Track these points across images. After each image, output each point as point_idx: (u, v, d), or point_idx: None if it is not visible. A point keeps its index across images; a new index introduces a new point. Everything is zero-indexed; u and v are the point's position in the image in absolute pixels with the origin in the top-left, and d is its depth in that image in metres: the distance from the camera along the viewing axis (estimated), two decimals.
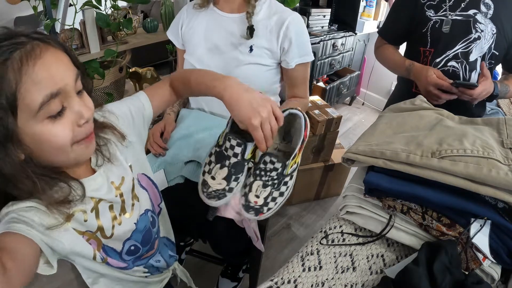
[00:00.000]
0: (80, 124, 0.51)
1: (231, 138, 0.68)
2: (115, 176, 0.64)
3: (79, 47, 1.58)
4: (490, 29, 1.09)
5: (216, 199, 0.69)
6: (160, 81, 0.81)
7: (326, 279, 0.68)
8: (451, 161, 0.64)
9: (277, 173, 0.70)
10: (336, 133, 1.82)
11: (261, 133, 0.63)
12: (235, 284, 1.41)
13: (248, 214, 0.70)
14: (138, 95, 0.76)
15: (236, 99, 0.64)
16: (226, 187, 0.70)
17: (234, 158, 0.69)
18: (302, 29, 1.07)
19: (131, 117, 0.72)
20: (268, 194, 0.71)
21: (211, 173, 0.71)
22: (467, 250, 0.65)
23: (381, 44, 1.38)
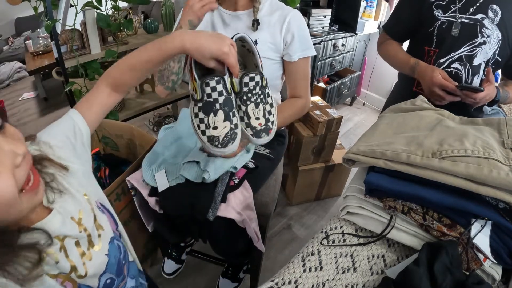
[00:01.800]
0: (18, 163, 0.42)
1: (208, 81, 0.68)
2: (72, 210, 0.57)
3: (80, 47, 1.59)
4: (496, 35, 1.08)
5: (232, 142, 0.70)
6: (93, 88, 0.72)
7: (327, 279, 0.68)
8: (451, 162, 0.64)
9: (259, 87, 0.74)
10: (336, 134, 1.82)
11: (233, 58, 0.67)
12: (236, 285, 1.41)
13: (262, 139, 0.74)
14: (70, 115, 0.68)
15: (198, 42, 0.66)
16: (231, 125, 0.71)
17: (221, 97, 0.69)
18: (303, 24, 1.10)
19: (70, 143, 0.65)
20: (263, 110, 0.75)
21: (210, 126, 0.70)
22: (468, 250, 0.65)
23: (384, 40, 1.37)
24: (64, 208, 0.56)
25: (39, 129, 0.68)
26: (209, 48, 0.66)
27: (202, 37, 0.67)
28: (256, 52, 0.78)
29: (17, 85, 3.75)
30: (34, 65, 3.03)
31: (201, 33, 0.68)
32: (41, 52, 3.22)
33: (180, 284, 1.48)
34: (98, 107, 0.71)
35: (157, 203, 0.98)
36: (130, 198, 1.15)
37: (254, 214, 1.00)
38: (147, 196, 0.99)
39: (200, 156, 0.98)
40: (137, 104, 2.00)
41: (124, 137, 1.49)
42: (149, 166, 1.02)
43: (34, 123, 2.91)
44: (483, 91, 1.02)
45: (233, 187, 0.98)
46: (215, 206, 0.92)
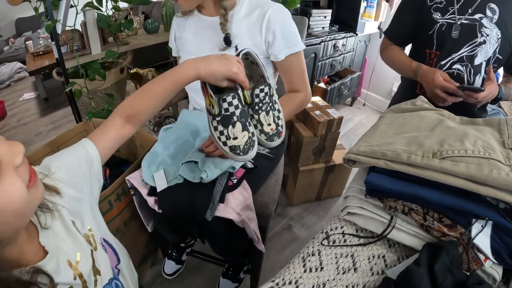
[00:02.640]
0: (19, 162, 0.42)
1: (225, 97, 0.73)
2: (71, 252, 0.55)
3: (80, 48, 1.59)
4: (495, 34, 1.09)
5: (251, 149, 0.76)
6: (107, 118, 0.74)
7: (327, 280, 0.68)
8: (452, 162, 0.64)
9: (268, 97, 0.81)
10: (337, 134, 1.82)
11: (242, 75, 0.74)
12: (236, 285, 1.41)
13: (275, 142, 0.81)
14: (83, 144, 0.68)
15: (209, 67, 0.72)
16: (249, 134, 0.77)
17: (237, 110, 0.75)
18: (285, 20, 1.04)
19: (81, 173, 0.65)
20: (273, 116, 0.82)
21: (230, 137, 0.76)
22: (468, 250, 0.65)
23: (387, 45, 1.38)
24: (61, 249, 0.53)
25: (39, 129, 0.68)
26: (221, 71, 0.72)
27: (213, 63, 0.72)
28: (260, 64, 0.83)
29: (18, 85, 3.76)
30: (35, 66, 3.03)
31: (210, 59, 0.73)
32: (42, 52, 3.22)
33: (181, 284, 1.48)
34: (111, 138, 0.72)
35: (156, 202, 0.98)
36: (131, 198, 1.15)
37: (253, 214, 1.00)
38: (146, 196, 0.99)
39: (199, 156, 0.98)
40: None
41: None
42: (148, 166, 1.02)
43: (35, 123, 2.92)
44: (484, 91, 1.02)
45: (232, 187, 0.98)
46: (213, 206, 0.92)
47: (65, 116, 2.99)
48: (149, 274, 1.52)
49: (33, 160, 1.30)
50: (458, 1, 1.11)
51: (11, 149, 0.43)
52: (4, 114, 3.02)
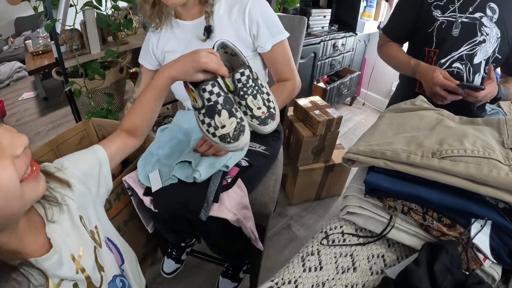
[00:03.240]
0: (18, 153, 0.43)
1: (204, 87, 0.72)
2: (74, 247, 0.56)
3: (80, 47, 1.59)
4: (495, 33, 1.09)
5: (242, 134, 0.73)
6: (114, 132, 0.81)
7: (327, 279, 0.68)
8: (451, 162, 0.64)
9: (251, 80, 0.78)
10: (336, 134, 1.82)
11: (214, 64, 0.72)
12: (236, 285, 1.41)
13: (269, 126, 0.77)
14: (94, 148, 0.74)
15: (179, 67, 0.74)
16: (237, 119, 0.74)
17: (220, 97, 0.73)
18: (266, 9, 1.04)
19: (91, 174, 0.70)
20: (262, 100, 0.79)
21: (218, 127, 0.74)
22: (467, 250, 0.65)
23: (384, 42, 1.37)
24: (66, 243, 0.55)
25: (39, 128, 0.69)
26: (190, 65, 0.72)
27: (181, 61, 0.74)
28: (239, 52, 0.82)
29: (17, 85, 3.76)
30: (34, 65, 3.03)
31: (180, 58, 0.75)
32: (41, 52, 3.22)
33: (180, 284, 1.48)
34: (117, 145, 0.77)
35: (151, 202, 0.98)
36: (130, 198, 1.15)
37: (250, 213, 1.00)
38: (142, 196, 1.00)
39: (193, 156, 0.98)
40: None
41: None
42: (143, 167, 1.02)
43: (34, 123, 2.91)
44: (484, 90, 1.02)
45: (226, 186, 0.98)
46: (207, 206, 0.92)
47: (65, 116, 2.99)
48: (148, 274, 1.52)
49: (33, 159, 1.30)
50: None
51: (14, 140, 0.44)
52: (4, 114, 3.02)
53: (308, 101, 1.91)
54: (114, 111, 1.71)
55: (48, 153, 1.38)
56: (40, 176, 0.48)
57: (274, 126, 0.79)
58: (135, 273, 0.78)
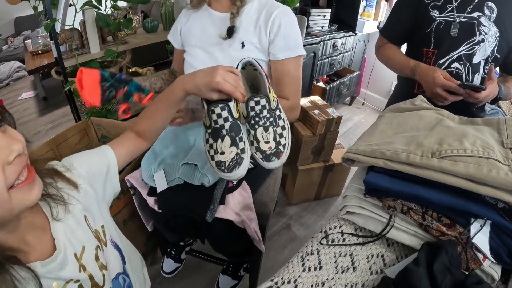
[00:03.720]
0: (10, 160, 0.42)
1: (214, 108, 0.70)
2: (77, 245, 0.56)
3: (79, 47, 1.59)
4: (494, 32, 1.08)
5: (237, 167, 0.70)
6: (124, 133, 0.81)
7: (326, 279, 0.68)
8: (451, 161, 0.64)
9: (267, 110, 0.74)
10: (336, 133, 1.82)
11: (229, 85, 0.68)
12: (236, 282, 1.41)
13: (272, 163, 0.73)
14: (102, 148, 0.73)
15: (193, 81, 0.71)
16: (237, 150, 0.71)
17: (226, 123, 0.71)
18: (290, 21, 1.03)
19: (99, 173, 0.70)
20: (274, 134, 0.74)
21: (217, 151, 0.71)
22: (467, 250, 0.65)
23: (382, 44, 1.37)
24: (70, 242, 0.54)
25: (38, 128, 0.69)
26: (204, 83, 0.69)
27: (197, 76, 0.71)
28: (262, 74, 0.78)
29: (17, 84, 3.75)
30: (34, 65, 3.03)
31: (197, 72, 0.72)
32: (41, 51, 3.22)
33: (180, 283, 1.48)
34: (126, 147, 0.77)
35: (155, 202, 0.98)
36: (130, 197, 1.15)
37: (253, 214, 1.00)
38: (146, 196, 0.99)
39: (198, 158, 0.98)
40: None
41: None
42: (148, 166, 1.02)
43: (34, 122, 2.91)
44: (486, 90, 1.01)
45: (232, 188, 0.98)
46: (213, 208, 0.92)
47: (64, 115, 2.99)
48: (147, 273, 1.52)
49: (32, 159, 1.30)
50: None
51: (9, 146, 0.43)
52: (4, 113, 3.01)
53: (308, 101, 1.91)
54: (113, 111, 1.71)
55: (48, 152, 1.38)
56: (35, 182, 0.47)
57: (278, 165, 0.74)
58: (139, 275, 0.78)
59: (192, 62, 1.12)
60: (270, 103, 0.74)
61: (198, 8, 1.14)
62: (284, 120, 0.78)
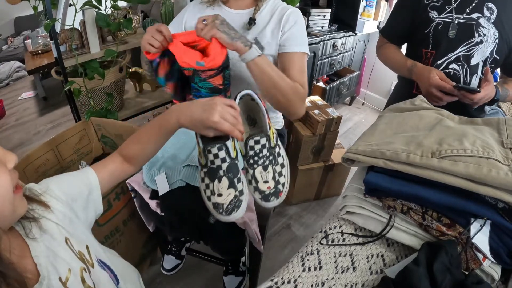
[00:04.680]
0: (10, 167, 0.46)
1: (210, 148, 0.66)
2: (62, 269, 0.54)
3: (79, 47, 1.58)
4: (493, 34, 1.08)
5: (236, 210, 0.67)
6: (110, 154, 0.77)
7: (326, 279, 0.68)
8: (451, 161, 0.64)
9: (267, 149, 0.71)
10: (336, 133, 1.82)
11: (227, 124, 0.64)
12: (241, 279, 1.41)
13: (271, 203, 0.70)
14: (85, 170, 0.70)
15: (189, 115, 0.66)
16: (236, 193, 0.68)
17: (224, 163, 0.67)
18: (301, 21, 1.08)
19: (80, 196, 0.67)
20: (273, 173, 0.72)
21: (214, 193, 0.68)
22: (467, 250, 0.65)
23: (382, 43, 1.37)
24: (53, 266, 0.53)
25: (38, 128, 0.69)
26: (201, 120, 0.65)
27: (194, 110, 0.66)
28: (263, 110, 0.76)
29: (16, 84, 3.75)
30: (34, 65, 3.03)
31: (194, 105, 0.67)
32: (40, 51, 3.22)
33: (180, 283, 1.48)
34: (110, 171, 0.74)
35: (158, 205, 0.98)
36: (129, 197, 1.15)
37: (254, 215, 1.00)
38: (148, 199, 0.99)
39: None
40: (136, 103, 2.00)
41: (124, 136, 1.49)
42: (149, 169, 1.02)
43: (34, 122, 2.91)
44: (480, 92, 1.01)
45: None
46: None
47: (64, 115, 2.99)
48: (147, 274, 1.52)
49: (33, 159, 1.30)
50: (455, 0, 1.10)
51: (6, 155, 0.47)
52: (3, 113, 3.01)
53: (308, 101, 1.91)
54: (113, 111, 1.71)
55: (48, 152, 1.38)
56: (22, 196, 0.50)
57: (276, 204, 0.72)
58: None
59: None
60: (270, 141, 0.72)
61: (213, 5, 1.13)
62: (283, 157, 0.76)
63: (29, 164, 1.28)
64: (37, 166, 1.33)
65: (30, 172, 1.28)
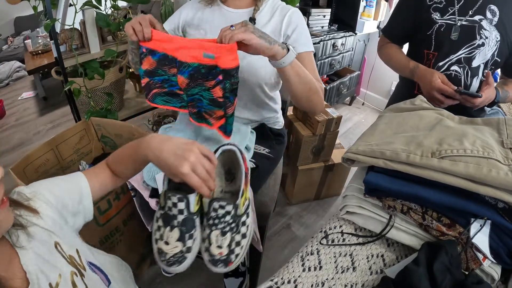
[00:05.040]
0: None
1: (171, 196, 0.63)
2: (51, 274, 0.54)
3: (79, 47, 1.59)
4: (495, 36, 1.08)
5: (177, 265, 0.63)
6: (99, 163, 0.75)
7: (326, 279, 0.68)
8: (451, 161, 0.64)
9: (231, 216, 0.66)
10: (336, 133, 1.82)
11: (196, 179, 0.59)
12: (241, 280, 1.41)
13: (217, 269, 0.65)
14: (77, 177, 0.68)
15: (158, 154, 0.62)
16: (183, 248, 0.64)
17: (180, 215, 0.64)
18: (303, 21, 1.09)
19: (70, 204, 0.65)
20: (230, 240, 0.66)
21: (163, 238, 0.65)
22: (467, 250, 0.65)
23: (384, 43, 1.37)
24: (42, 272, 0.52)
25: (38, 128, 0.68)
26: (169, 166, 0.60)
27: (165, 151, 0.61)
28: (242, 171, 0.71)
29: (16, 84, 3.75)
30: (34, 65, 3.02)
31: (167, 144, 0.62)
32: (40, 51, 3.22)
33: (180, 284, 1.48)
34: (102, 178, 0.72)
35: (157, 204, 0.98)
36: (129, 197, 1.15)
37: (254, 215, 1.00)
38: (148, 198, 0.99)
39: None
40: (136, 103, 2.00)
41: (124, 136, 1.49)
42: (149, 167, 1.02)
43: (34, 122, 2.91)
44: (481, 97, 1.02)
45: None
46: None
47: (64, 115, 2.99)
48: (147, 274, 1.52)
49: (33, 159, 1.30)
50: (458, 1, 1.10)
51: None
52: (3, 113, 3.01)
53: None
54: (113, 111, 1.71)
55: (48, 152, 1.38)
56: (8, 208, 0.48)
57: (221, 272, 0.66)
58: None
59: None
60: (237, 209, 0.67)
61: (211, 4, 1.13)
62: (248, 227, 0.70)
63: (29, 164, 1.28)
64: (37, 166, 1.33)
65: (30, 172, 1.28)
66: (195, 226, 0.66)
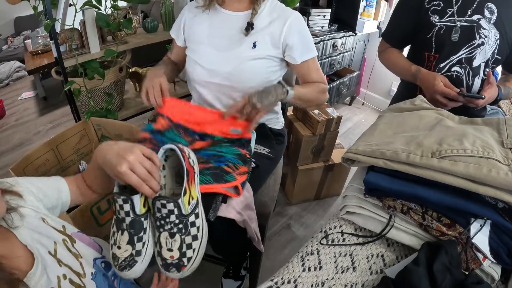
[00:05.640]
0: None
1: (116, 198, 0.62)
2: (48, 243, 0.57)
3: (79, 47, 1.58)
4: (494, 35, 1.08)
5: (128, 269, 0.62)
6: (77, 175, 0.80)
7: (326, 279, 0.68)
8: (451, 161, 0.64)
9: (176, 216, 0.64)
10: (336, 133, 1.82)
11: (135, 177, 0.60)
12: (239, 283, 1.41)
13: (170, 274, 0.64)
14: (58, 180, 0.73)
15: (103, 156, 0.64)
16: (132, 251, 0.63)
17: (127, 217, 0.63)
18: (304, 27, 1.09)
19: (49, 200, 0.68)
20: (180, 242, 0.65)
21: (116, 243, 0.64)
22: (467, 250, 0.65)
23: (384, 48, 1.36)
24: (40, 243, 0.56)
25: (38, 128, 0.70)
26: (110, 165, 0.62)
27: (110, 152, 0.63)
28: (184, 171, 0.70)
29: (16, 84, 3.75)
30: (34, 65, 3.02)
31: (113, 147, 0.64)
32: (40, 51, 3.22)
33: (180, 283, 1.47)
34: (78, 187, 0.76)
35: None
36: None
37: (254, 214, 1.00)
38: None
39: None
40: (136, 103, 2.00)
41: (123, 136, 1.49)
42: None
43: (34, 122, 2.91)
44: (484, 98, 1.02)
45: None
46: (216, 206, 0.91)
47: (64, 115, 2.99)
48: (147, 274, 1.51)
49: (33, 159, 1.30)
50: (456, 2, 1.10)
51: None
52: (3, 113, 3.01)
53: None
54: (113, 111, 1.71)
55: (48, 152, 1.38)
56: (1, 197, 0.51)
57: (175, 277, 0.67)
58: None
59: (197, 59, 1.11)
60: (182, 209, 0.65)
61: (208, 8, 1.12)
62: (199, 228, 0.68)
63: (29, 164, 1.28)
64: (37, 166, 1.33)
65: (30, 172, 1.28)
66: (143, 228, 0.65)
